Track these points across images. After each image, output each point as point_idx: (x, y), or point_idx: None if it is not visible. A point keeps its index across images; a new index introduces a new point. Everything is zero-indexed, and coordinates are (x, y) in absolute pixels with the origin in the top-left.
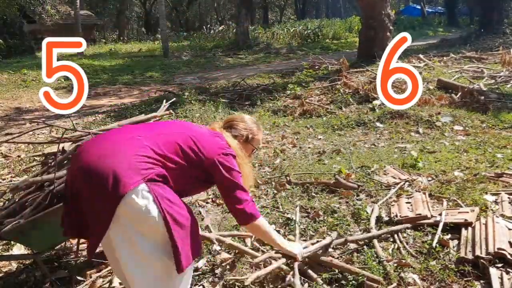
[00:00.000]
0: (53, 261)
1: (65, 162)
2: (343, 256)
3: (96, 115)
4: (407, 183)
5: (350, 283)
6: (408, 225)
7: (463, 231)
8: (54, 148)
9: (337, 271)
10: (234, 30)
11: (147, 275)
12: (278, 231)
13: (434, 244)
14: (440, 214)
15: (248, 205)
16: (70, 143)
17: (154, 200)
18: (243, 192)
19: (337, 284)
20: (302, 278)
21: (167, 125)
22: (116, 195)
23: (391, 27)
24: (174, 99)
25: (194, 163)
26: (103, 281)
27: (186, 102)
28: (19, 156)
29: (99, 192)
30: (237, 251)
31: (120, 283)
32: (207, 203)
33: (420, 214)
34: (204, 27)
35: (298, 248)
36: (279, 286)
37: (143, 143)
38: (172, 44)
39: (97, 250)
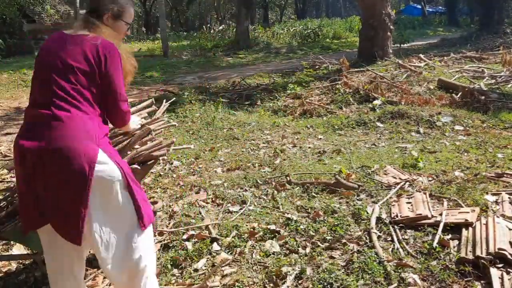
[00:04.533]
0: None
1: None
2: (343, 257)
3: None
4: (407, 183)
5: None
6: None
7: (464, 231)
8: None
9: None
10: (234, 30)
11: (120, 238)
12: (278, 232)
13: (434, 244)
14: (441, 214)
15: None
16: None
17: (114, 164)
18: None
19: (337, 285)
20: (302, 275)
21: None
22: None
23: (391, 27)
24: (174, 98)
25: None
26: (104, 279)
27: (186, 101)
28: None
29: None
30: (238, 250)
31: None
32: (207, 203)
33: (420, 214)
34: (204, 26)
35: (137, 120)
36: (279, 286)
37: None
38: (172, 43)
39: None
